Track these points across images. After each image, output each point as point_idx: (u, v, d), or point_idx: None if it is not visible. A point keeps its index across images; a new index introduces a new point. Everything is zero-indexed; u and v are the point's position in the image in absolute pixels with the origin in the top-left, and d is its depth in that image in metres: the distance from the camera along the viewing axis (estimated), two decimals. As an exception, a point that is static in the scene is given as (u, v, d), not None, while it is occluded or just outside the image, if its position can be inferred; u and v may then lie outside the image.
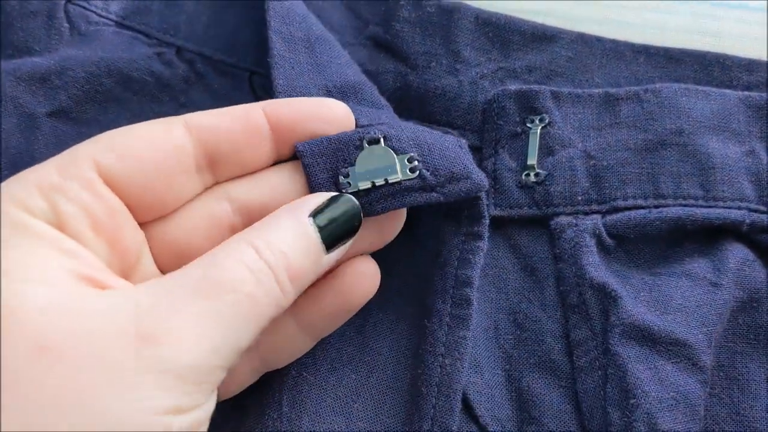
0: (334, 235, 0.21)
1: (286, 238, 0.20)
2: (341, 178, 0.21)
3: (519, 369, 0.25)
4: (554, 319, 0.25)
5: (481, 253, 0.24)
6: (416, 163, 0.22)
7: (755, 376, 0.24)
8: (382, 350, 0.25)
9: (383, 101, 0.26)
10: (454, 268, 0.24)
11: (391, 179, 0.21)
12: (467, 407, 0.24)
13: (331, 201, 0.21)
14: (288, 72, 0.24)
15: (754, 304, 0.24)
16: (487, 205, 0.26)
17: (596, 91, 0.27)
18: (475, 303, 0.24)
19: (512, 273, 0.26)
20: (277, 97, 0.23)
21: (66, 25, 0.29)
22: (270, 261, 0.19)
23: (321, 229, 0.20)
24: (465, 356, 0.24)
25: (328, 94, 0.24)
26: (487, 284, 0.26)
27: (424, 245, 0.26)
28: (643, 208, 0.25)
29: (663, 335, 0.23)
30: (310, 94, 0.24)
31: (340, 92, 0.24)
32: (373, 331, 0.25)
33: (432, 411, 0.23)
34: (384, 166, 0.21)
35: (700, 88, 0.27)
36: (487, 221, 0.24)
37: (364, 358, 0.24)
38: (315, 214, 0.20)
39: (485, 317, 0.25)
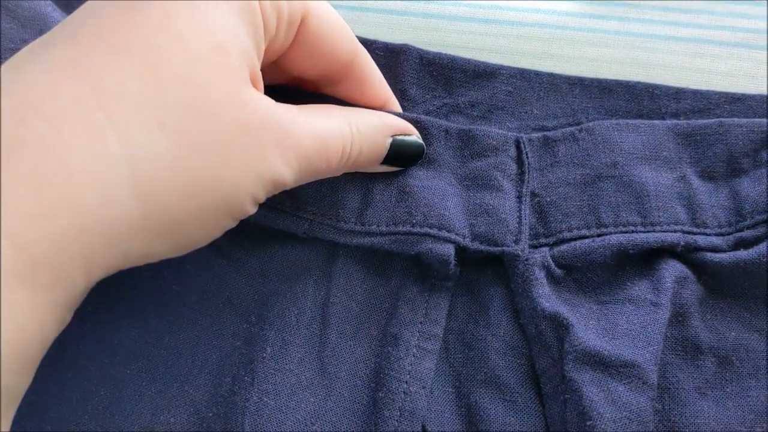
0: (393, 160, 0.26)
1: (369, 139, 0.25)
2: None
3: (467, 386, 0.26)
4: (498, 337, 0.27)
5: (448, 299, 0.27)
6: None
7: (684, 385, 0.26)
8: (341, 374, 0.26)
9: None
10: (424, 307, 0.27)
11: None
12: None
13: (411, 139, 0.27)
14: None
15: (680, 318, 0.26)
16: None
17: (535, 135, 0.29)
18: (440, 340, 0.26)
19: (460, 298, 0.28)
20: None
21: None
22: (353, 144, 0.24)
23: (390, 151, 0.26)
24: (428, 385, 0.26)
25: None
26: None
27: (388, 279, 0.27)
28: (587, 237, 0.27)
29: (613, 359, 0.25)
30: None
31: None
32: (332, 356, 0.26)
33: None
34: None
35: (630, 122, 0.28)
36: (455, 277, 0.27)
37: (323, 382, 0.26)
38: (396, 137, 0.26)
39: None
